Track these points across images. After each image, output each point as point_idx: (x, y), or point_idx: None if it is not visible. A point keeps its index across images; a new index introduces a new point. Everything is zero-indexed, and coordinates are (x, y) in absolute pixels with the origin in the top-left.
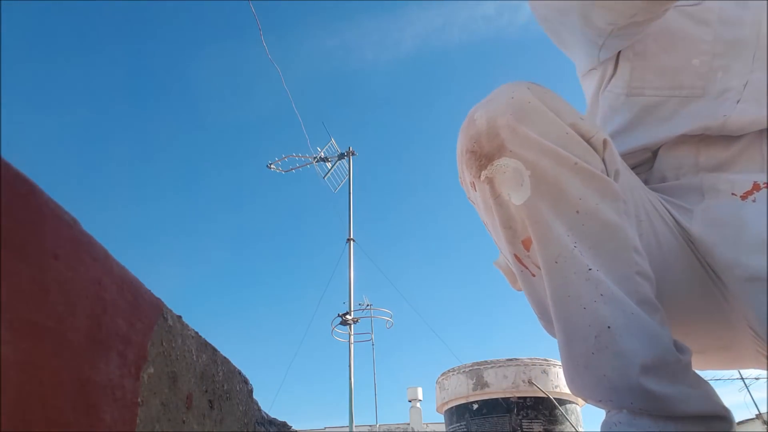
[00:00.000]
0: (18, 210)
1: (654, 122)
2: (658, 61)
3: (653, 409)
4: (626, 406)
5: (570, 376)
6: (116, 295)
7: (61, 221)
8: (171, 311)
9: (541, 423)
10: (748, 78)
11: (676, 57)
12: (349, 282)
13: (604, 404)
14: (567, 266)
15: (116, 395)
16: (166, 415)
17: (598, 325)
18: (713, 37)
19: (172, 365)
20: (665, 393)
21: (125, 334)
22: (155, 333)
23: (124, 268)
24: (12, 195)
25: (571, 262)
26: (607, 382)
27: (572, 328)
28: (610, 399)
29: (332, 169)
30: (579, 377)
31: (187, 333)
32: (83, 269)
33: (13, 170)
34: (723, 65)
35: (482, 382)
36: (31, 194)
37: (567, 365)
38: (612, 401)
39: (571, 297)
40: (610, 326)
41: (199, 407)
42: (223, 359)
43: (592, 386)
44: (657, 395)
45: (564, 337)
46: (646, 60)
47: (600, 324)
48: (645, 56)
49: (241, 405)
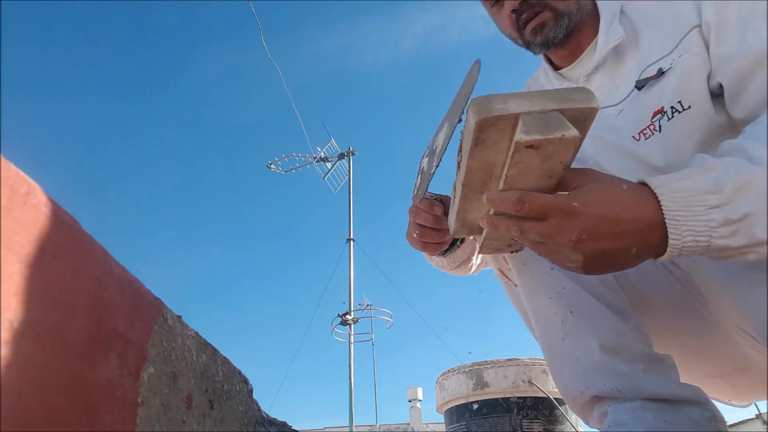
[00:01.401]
0: (18, 210)
1: None
2: None
3: (624, 389)
4: (599, 389)
5: (554, 374)
6: (116, 295)
7: (61, 221)
8: (171, 311)
9: (541, 423)
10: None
11: None
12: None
13: (584, 397)
14: (533, 266)
15: (116, 395)
16: (166, 415)
17: (562, 311)
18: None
19: (172, 365)
20: (630, 371)
21: (125, 334)
22: (155, 333)
23: (124, 268)
24: (12, 195)
25: (536, 262)
26: (579, 366)
27: (544, 320)
28: (587, 386)
29: (332, 169)
30: (559, 370)
31: (187, 333)
32: (83, 269)
33: (13, 170)
34: None
35: (482, 382)
36: (31, 194)
37: (550, 363)
38: (589, 387)
39: (538, 290)
40: (573, 311)
41: (199, 407)
42: (223, 359)
43: (570, 376)
44: (623, 372)
45: (540, 332)
46: None
47: (564, 310)
48: None
49: (241, 405)
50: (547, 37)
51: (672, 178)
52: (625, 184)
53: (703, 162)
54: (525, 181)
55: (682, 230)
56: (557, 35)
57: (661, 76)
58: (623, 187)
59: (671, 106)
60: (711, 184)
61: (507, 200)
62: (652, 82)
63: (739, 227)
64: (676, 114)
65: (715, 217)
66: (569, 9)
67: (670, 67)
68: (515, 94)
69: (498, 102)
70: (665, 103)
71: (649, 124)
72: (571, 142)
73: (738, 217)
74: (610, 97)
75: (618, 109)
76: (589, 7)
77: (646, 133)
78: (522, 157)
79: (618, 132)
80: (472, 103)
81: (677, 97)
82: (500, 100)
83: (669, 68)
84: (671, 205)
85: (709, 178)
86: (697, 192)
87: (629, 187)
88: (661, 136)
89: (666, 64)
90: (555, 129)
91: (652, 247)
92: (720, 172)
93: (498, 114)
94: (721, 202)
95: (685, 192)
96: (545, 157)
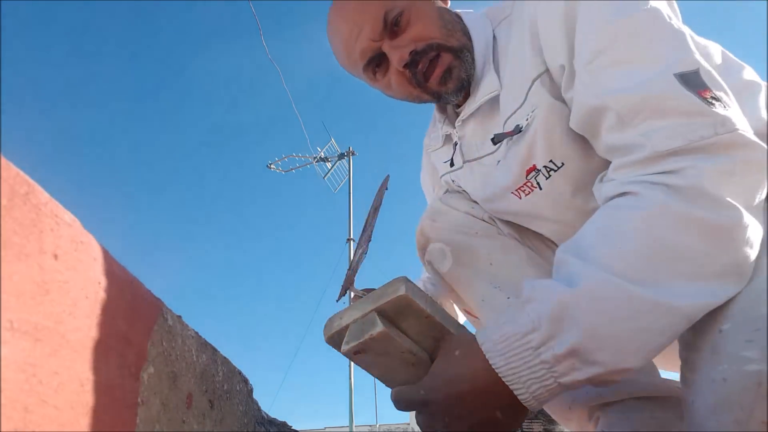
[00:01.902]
0: (18, 210)
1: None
2: None
3: (609, 392)
4: (584, 398)
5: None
6: (116, 295)
7: (61, 221)
8: (171, 311)
9: (541, 423)
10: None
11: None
12: None
13: (572, 411)
14: (492, 302)
15: (116, 395)
16: (166, 415)
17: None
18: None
19: (172, 365)
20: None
21: (125, 334)
22: (155, 333)
23: (124, 268)
24: (12, 195)
25: (493, 296)
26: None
27: None
28: (573, 398)
29: (332, 169)
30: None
31: (187, 333)
32: (83, 269)
33: (13, 170)
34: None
35: None
36: (31, 194)
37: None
38: (575, 400)
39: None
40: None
41: (199, 407)
42: (223, 359)
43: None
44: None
45: None
46: None
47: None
48: None
49: (240, 405)
50: (460, 80)
51: (494, 327)
52: (458, 350)
53: (527, 291)
54: (397, 376)
55: (523, 381)
56: (470, 72)
57: (521, 134)
58: (456, 354)
59: (544, 165)
60: (529, 321)
61: (397, 396)
62: (515, 138)
63: (575, 361)
64: (552, 173)
65: (545, 358)
66: (462, 42)
67: (527, 123)
68: (352, 305)
69: (336, 319)
70: (537, 162)
71: (525, 182)
72: (382, 338)
73: (565, 352)
74: (483, 146)
75: (495, 159)
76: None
77: (525, 190)
78: (364, 361)
79: (497, 185)
80: (325, 325)
81: (547, 156)
82: (338, 317)
83: (526, 125)
84: (499, 360)
85: (528, 313)
86: (518, 335)
87: (462, 352)
88: (542, 193)
89: (521, 119)
90: (366, 330)
91: (514, 403)
92: (537, 305)
93: (336, 330)
94: (543, 339)
95: (508, 340)
96: (384, 354)
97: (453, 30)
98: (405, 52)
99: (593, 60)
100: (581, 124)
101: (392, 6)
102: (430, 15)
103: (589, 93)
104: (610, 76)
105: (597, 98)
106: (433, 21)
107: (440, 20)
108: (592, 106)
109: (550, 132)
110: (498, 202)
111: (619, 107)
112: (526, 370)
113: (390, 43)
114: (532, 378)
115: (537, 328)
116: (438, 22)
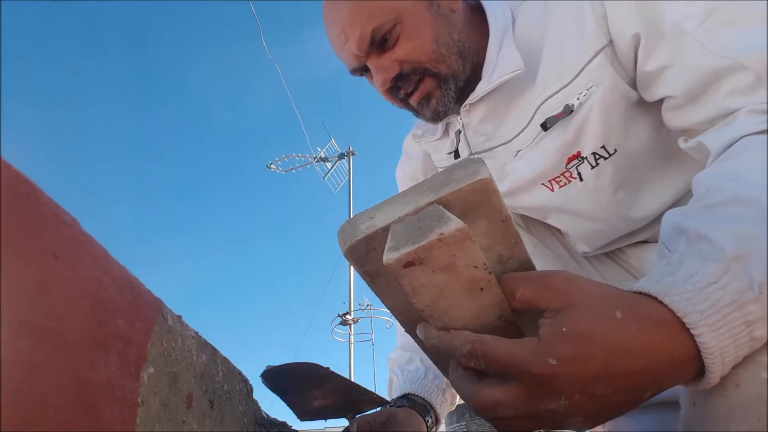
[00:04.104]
0: (18, 210)
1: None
2: None
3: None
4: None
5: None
6: (116, 295)
7: (61, 221)
8: (171, 311)
9: None
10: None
11: None
12: (349, 282)
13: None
14: None
15: (116, 395)
16: (166, 415)
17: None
18: None
19: (172, 365)
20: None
21: (125, 334)
22: (155, 333)
23: (124, 268)
24: (12, 195)
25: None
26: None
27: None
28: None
29: (332, 169)
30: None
31: (187, 333)
32: (83, 269)
33: (13, 170)
34: None
35: None
36: (31, 194)
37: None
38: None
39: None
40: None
41: (199, 407)
42: (223, 359)
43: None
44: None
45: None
46: None
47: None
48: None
49: (240, 405)
50: (436, 112)
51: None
52: (619, 309)
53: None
54: (456, 313)
55: (726, 362)
56: (447, 106)
57: (569, 115)
58: (618, 317)
59: (593, 152)
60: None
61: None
62: (561, 121)
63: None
64: (601, 161)
65: (758, 335)
66: (453, 69)
67: (578, 102)
68: (388, 200)
69: (364, 219)
70: (583, 148)
71: (564, 171)
72: (458, 238)
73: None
74: (496, 133)
75: (512, 149)
76: (475, 33)
77: (561, 181)
78: (414, 281)
79: (521, 177)
80: (339, 231)
81: (600, 142)
82: (367, 216)
83: (578, 104)
84: (711, 339)
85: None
86: (735, 304)
87: (626, 315)
88: (582, 185)
89: (570, 98)
90: (430, 228)
91: (676, 382)
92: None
93: (365, 235)
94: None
95: (721, 311)
96: (445, 271)
97: (447, 54)
98: (388, 76)
99: (706, 19)
100: (688, 90)
101: (384, 21)
102: (425, 33)
103: (706, 53)
104: (735, 34)
105: (722, 58)
106: (425, 41)
107: (434, 42)
108: (717, 66)
109: (608, 112)
110: (517, 197)
111: (758, 66)
112: (734, 350)
113: (376, 61)
114: (735, 358)
115: (759, 297)
116: (431, 45)
